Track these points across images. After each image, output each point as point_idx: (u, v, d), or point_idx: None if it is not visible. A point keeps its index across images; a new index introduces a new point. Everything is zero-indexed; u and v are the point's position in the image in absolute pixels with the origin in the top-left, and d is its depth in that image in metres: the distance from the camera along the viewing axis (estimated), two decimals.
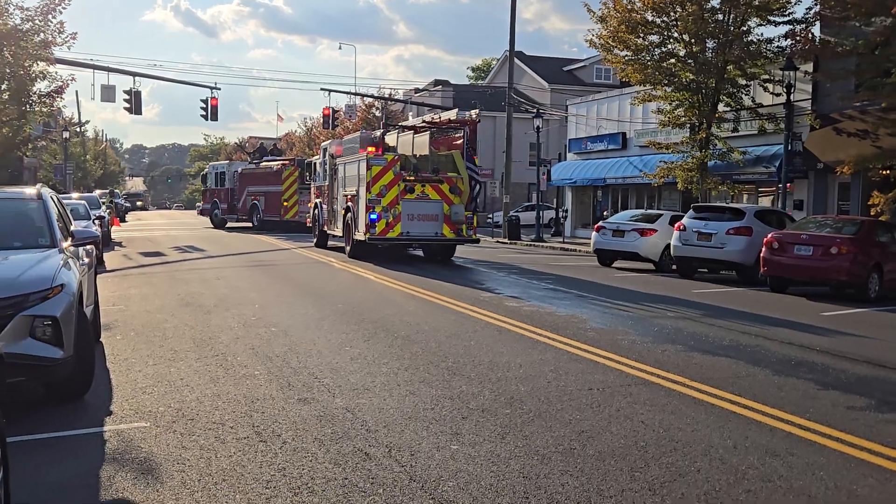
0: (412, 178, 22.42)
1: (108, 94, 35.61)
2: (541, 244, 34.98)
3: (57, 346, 6.76)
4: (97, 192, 46.96)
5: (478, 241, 23.59)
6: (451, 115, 24.68)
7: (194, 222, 53.47)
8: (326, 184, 28.16)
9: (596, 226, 24.74)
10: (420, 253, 25.55)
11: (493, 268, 22.30)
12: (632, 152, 37.07)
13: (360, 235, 22.99)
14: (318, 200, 29.74)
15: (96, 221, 22.11)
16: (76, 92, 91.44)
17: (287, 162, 42.83)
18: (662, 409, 7.27)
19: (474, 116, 23.95)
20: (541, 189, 39.58)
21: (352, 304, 13.90)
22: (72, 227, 9.27)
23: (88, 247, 9.83)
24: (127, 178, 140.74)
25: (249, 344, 10.14)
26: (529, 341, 10.57)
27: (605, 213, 37.96)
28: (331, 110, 46.89)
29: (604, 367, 9.02)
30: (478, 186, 23.19)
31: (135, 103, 35.83)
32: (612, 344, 10.46)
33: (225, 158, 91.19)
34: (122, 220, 52.97)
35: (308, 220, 32.00)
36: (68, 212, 10.36)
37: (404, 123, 28.94)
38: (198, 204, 29.14)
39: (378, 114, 61.82)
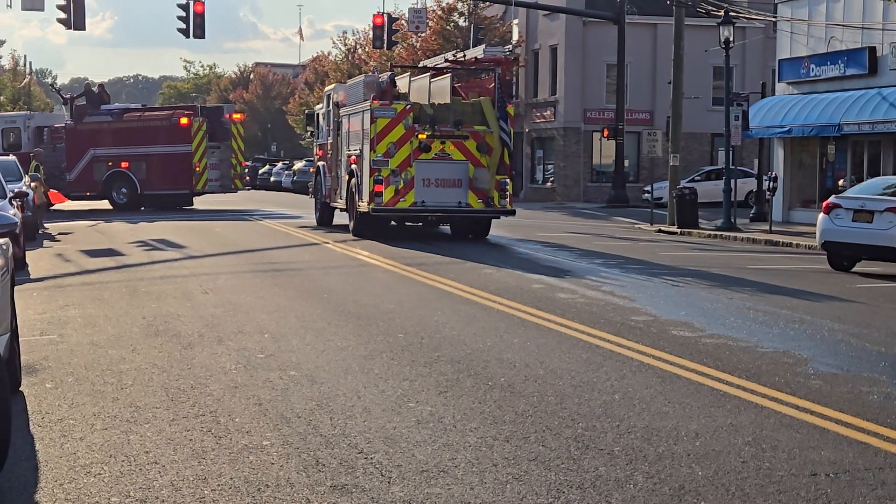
0: (428, 133, 26.56)
1: None
2: (732, 234, 34.57)
3: None
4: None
5: (513, 212, 28.45)
6: (478, 52, 29.05)
7: None
8: (330, 141, 31.71)
9: (825, 203, 24.34)
10: (447, 230, 29.17)
11: (651, 273, 22.25)
12: (886, 80, 36.33)
13: (363, 206, 26.66)
14: (321, 164, 33.64)
15: (14, 202, 22.68)
16: None
17: (186, 111, 46.63)
18: None
19: (507, 53, 28.18)
20: (732, 143, 39.07)
21: (417, 330, 14.01)
22: None
23: (1, 241, 10.12)
24: None
25: (254, 397, 10.29)
26: (712, 394, 10.50)
27: (840, 181, 37.34)
28: (385, 18, 47.23)
29: (836, 438, 8.89)
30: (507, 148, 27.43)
31: (75, 13, 36.68)
32: (849, 399, 10.32)
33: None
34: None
35: (310, 190, 37.44)
36: None
37: (422, 64, 33.85)
38: None
39: (463, 23, 61.98)
